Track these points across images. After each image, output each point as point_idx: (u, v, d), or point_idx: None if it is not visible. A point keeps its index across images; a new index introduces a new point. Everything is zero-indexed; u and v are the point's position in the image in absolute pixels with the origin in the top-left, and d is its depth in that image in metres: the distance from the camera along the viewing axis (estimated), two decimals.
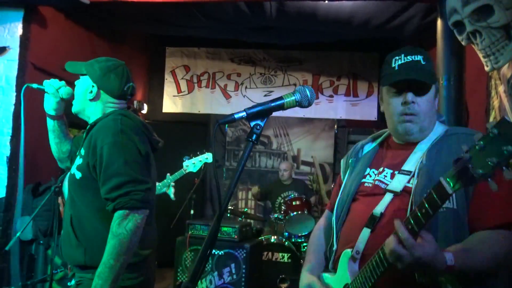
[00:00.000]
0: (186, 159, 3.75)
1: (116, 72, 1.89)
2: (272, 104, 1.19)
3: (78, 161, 1.83)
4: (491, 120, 2.55)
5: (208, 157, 3.74)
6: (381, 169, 1.48)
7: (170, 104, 6.71)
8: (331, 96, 6.44)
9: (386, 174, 1.45)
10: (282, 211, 4.91)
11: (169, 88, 6.73)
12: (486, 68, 2.41)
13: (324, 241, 1.65)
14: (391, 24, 4.24)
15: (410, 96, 1.40)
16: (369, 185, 1.48)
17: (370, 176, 1.50)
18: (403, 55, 1.43)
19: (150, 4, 3.82)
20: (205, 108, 6.62)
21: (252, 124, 1.18)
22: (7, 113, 3.72)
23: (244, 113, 1.16)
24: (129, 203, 1.67)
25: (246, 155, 1.16)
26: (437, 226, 1.28)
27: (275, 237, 4.62)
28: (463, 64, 3.07)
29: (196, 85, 6.69)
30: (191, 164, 3.72)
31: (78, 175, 1.80)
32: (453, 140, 1.39)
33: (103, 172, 1.72)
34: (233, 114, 1.15)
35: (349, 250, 1.41)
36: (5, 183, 3.66)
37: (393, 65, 1.44)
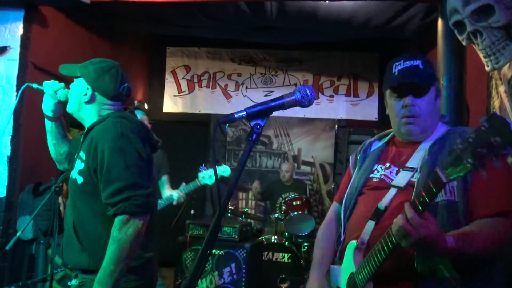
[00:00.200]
0: (202, 170, 3.57)
1: (111, 73, 1.86)
2: (272, 104, 1.20)
3: (79, 166, 1.80)
4: None
5: (225, 170, 3.54)
6: (388, 165, 1.57)
7: (171, 104, 6.72)
8: (332, 96, 6.44)
9: (392, 171, 1.54)
10: (283, 211, 4.91)
11: (170, 88, 6.74)
12: (487, 68, 2.41)
13: (334, 232, 1.75)
14: (392, 24, 4.24)
15: (410, 99, 1.49)
16: (376, 180, 1.57)
17: (378, 172, 1.59)
18: (403, 61, 1.53)
19: (151, 4, 3.81)
20: (206, 108, 6.62)
21: (252, 124, 1.18)
22: (8, 113, 3.72)
23: (244, 113, 1.17)
24: (130, 208, 1.66)
25: (246, 155, 1.16)
26: (441, 217, 1.35)
27: (276, 237, 4.62)
28: (464, 64, 3.07)
29: (197, 85, 6.69)
30: (207, 176, 3.56)
31: (80, 180, 1.78)
32: (454, 137, 1.45)
33: (104, 177, 1.70)
34: (233, 114, 1.16)
35: (354, 241, 1.49)
36: (6, 183, 3.66)
37: (394, 71, 1.53)
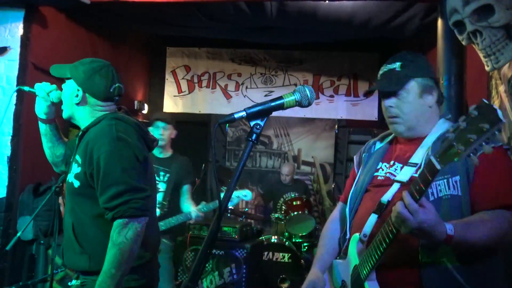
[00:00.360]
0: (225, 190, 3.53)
1: (101, 74, 1.83)
2: (272, 104, 1.20)
3: (76, 170, 1.79)
4: None
5: (247, 195, 3.45)
6: (392, 163, 1.60)
7: (171, 104, 6.72)
8: (332, 96, 6.44)
9: (397, 168, 1.58)
10: (283, 211, 4.91)
11: (170, 88, 6.74)
12: (487, 68, 2.41)
13: (338, 230, 1.79)
14: (392, 24, 4.23)
15: (387, 102, 1.57)
16: (381, 178, 1.60)
17: (383, 170, 1.62)
18: (385, 64, 1.61)
19: (151, 4, 3.82)
20: (206, 108, 6.62)
21: (252, 124, 1.19)
22: (8, 113, 3.72)
23: (244, 113, 1.17)
24: (128, 212, 1.66)
25: (246, 155, 1.17)
26: (445, 211, 1.37)
27: (276, 237, 4.62)
28: (464, 64, 3.07)
29: (197, 85, 6.69)
30: (235, 197, 3.47)
31: (76, 184, 1.78)
32: None
33: (101, 181, 1.70)
34: (233, 114, 1.16)
35: (357, 234, 1.53)
36: (6, 183, 3.66)
37: (378, 74, 1.62)
